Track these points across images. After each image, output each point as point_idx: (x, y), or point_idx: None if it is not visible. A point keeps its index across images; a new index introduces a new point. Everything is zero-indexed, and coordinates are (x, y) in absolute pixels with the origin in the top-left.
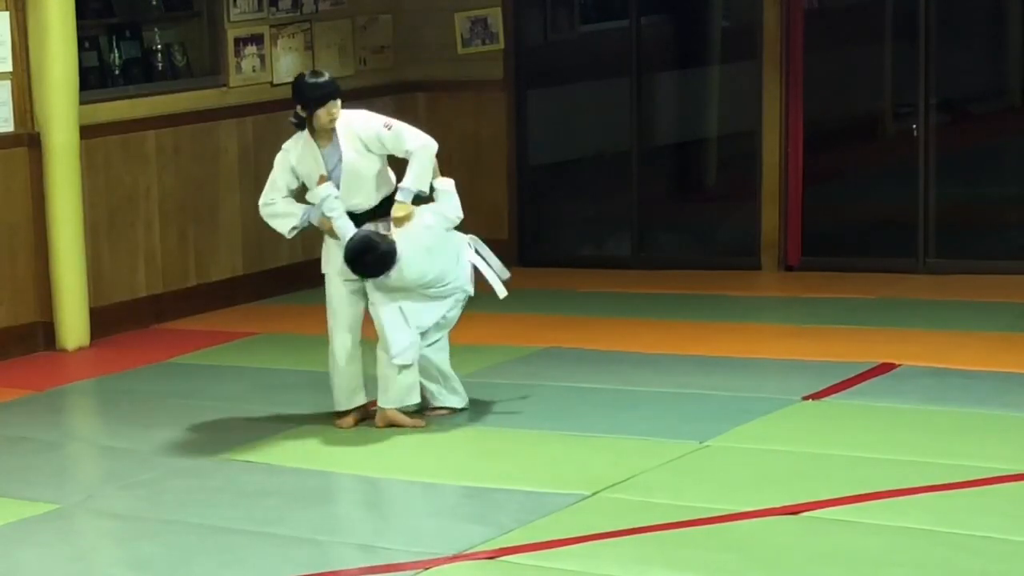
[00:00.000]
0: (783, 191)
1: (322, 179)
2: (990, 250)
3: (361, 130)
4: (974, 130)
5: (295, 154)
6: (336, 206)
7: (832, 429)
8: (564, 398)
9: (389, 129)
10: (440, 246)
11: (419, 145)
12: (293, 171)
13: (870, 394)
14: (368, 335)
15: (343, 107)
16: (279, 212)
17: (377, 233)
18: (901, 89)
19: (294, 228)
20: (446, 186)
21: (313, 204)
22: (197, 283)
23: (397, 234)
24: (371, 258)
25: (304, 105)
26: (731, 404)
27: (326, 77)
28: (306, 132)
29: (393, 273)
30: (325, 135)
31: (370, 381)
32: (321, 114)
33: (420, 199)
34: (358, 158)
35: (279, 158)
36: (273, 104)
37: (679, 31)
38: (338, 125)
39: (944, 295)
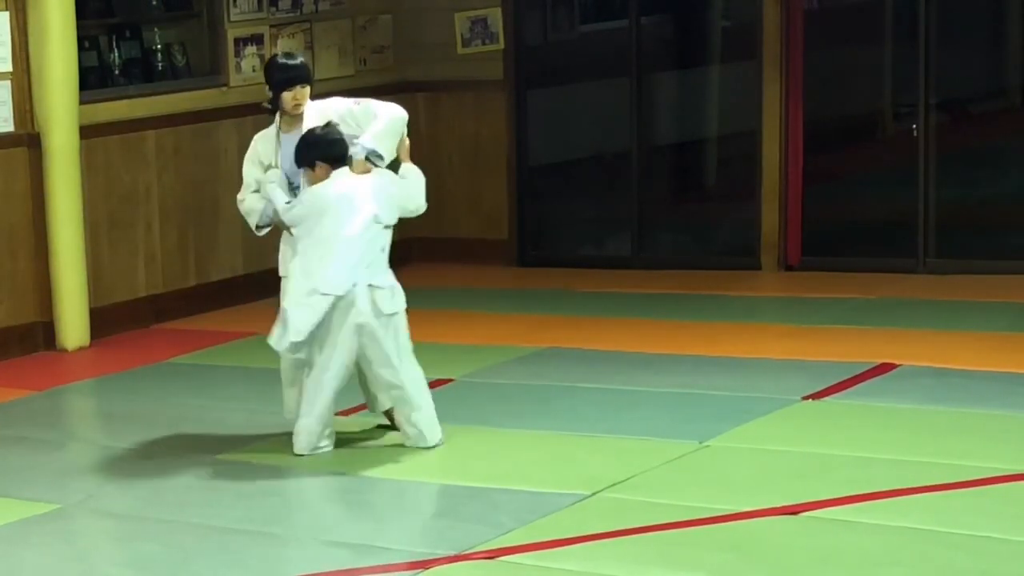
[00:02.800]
0: (783, 191)
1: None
2: (990, 250)
3: (332, 112)
4: (974, 130)
5: (261, 144)
6: (272, 190)
7: (832, 429)
8: (564, 398)
9: (358, 104)
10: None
11: (386, 110)
12: (260, 163)
13: (870, 394)
14: None
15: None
16: (248, 209)
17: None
18: (901, 89)
19: (259, 226)
20: (412, 172)
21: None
22: (197, 283)
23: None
24: (322, 131)
25: (270, 87)
26: (731, 404)
27: (298, 60)
28: (277, 117)
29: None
30: (290, 121)
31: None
32: (286, 98)
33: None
34: None
35: (248, 152)
36: None
37: (679, 31)
38: (307, 112)
39: (944, 295)
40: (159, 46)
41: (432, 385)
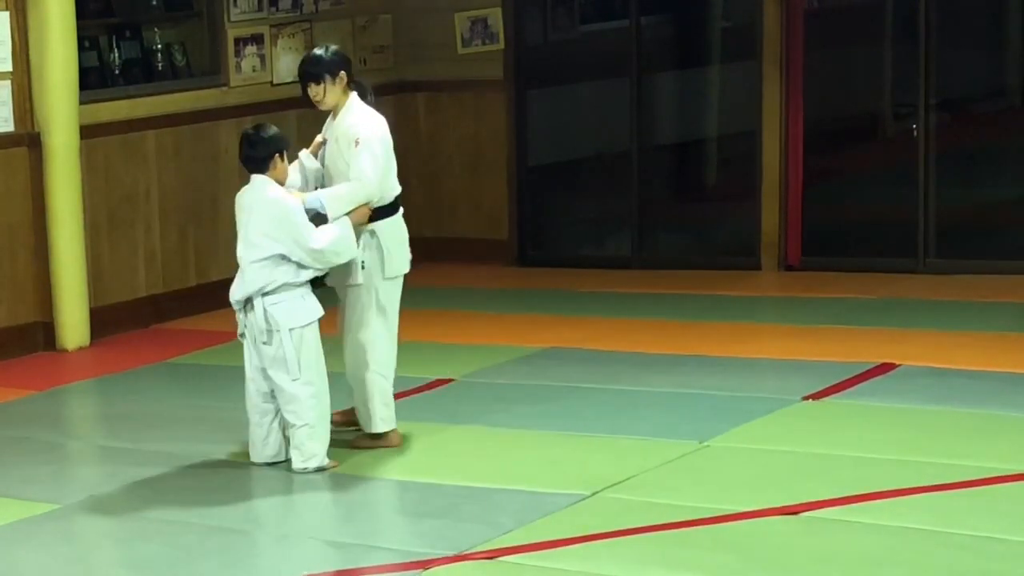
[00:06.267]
0: (783, 191)
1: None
2: (990, 250)
3: (350, 129)
4: (974, 130)
5: None
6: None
7: (832, 429)
8: (564, 398)
9: (357, 145)
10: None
11: (359, 175)
12: None
13: (870, 394)
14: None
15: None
16: None
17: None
18: (901, 89)
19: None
20: (341, 226)
21: None
22: (197, 283)
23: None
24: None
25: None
26: (731, 404)
27: (314, 54)
28: None
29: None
30: (331, 112)
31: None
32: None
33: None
34: (337, 154)
35: None
36: (273, 104)
37: (679, 31)
38: (347, 116)
39: (944, 295)
40: (159, 46)
41: (432, 385)
